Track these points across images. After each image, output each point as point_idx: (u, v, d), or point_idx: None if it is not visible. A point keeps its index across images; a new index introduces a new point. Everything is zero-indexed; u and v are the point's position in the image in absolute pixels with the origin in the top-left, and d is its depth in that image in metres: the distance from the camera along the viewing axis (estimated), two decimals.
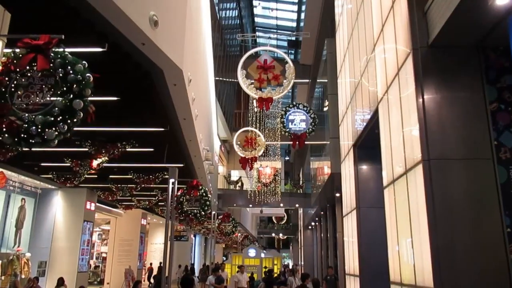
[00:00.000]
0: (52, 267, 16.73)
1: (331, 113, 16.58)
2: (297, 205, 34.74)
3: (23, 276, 14.81)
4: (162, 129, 9.61)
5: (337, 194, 16.93)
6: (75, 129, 3.82)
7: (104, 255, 26.38)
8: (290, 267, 32.53)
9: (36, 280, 13.12)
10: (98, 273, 25.77)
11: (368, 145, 10.98)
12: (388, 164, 8.45)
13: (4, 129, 3.58)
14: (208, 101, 19.69)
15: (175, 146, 11.46)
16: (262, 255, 24.19)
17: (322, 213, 24.63)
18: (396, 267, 7.99)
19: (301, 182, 34.85)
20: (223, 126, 32.56)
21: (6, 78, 3.80)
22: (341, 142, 14.36)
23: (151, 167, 12.88)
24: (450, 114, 6.34)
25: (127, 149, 10.34)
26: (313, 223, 32.09)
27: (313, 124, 15.09)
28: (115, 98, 7.74)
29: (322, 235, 25.69)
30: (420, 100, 6.45)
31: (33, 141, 3.57)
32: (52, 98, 3.72)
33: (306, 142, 17.03)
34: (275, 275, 19.40)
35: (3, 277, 14.44)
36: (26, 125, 3.57)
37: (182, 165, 12.52)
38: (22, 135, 3.56)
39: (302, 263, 39.49)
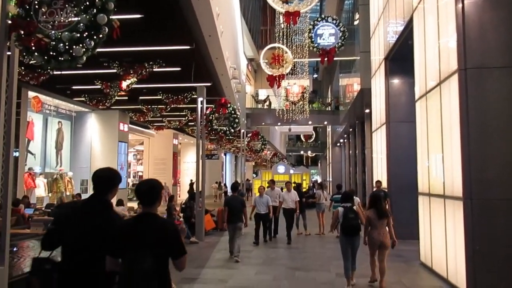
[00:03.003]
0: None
1: (362, 26, 15.80)
2: (325, 123, 34.70)
3: (67, 193, 15.91)
4: (188, 47, 9.46)
5: (367, 110, 16.72)
6: (102, 50, 3.79)
7: (140, 173, 27.78)
8: (319, 182, 33.44)
9: (79, 196, 14.05)
10: None
11: (401, 57, 10.55)
12: (421, 76, 8.16)
13: (33, 48, 3.60)
14: (233, 17, 19.06)
15: (202, 64, 11.35)
16: (291, 171, 24.81)
17: (350, 130, 24.61)
18: (425, 179, 8.07)
19: (329, 99, 34.44)
20: (249, 44, 31.78)
21: None
22: (372, 56, 13.84)
23: (179, 87, 12.93)
24: (493, 19, 5.90)
25: (155, 69, 10.32)
26: (341, 140, 32.26)
27: (342, 38, 14.46)
28: (139, 16, 7.58)
29: (350, 151, 25.91)
30: (460, 5, 5.99)
31: (62, 59, 3.60)
32: (74, 18, 3.67)
33: (335, 58, 16.51)
34: (304, 189, 20.08)
35: (50, 194, 15.57)
36: (53, 43, 3.58)
37: (209, 84, 12.50)
38: (51, 53, 3.59)
39: (331, 179, 40.45)
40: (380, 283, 6.40)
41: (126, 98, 13.78)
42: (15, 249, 6.56)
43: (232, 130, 11.61)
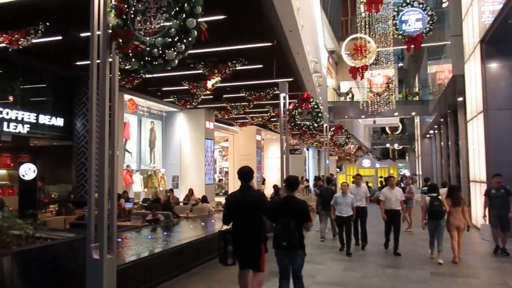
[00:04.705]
0: (183, 180, 18.82)
1: (452, 8, 14.73)
2: (413, 114, 32.94)
3: (161, 188, 17.00)
4: (269, 43, 9.56)
5: (460, 98, 15.58)
6: (189, 52, 3.97)
7: (225, 169, 28.76)
8: (408, 175, 31.89)
9: (171, 191, 14.94)
10: (223, 185, 28.38)
11: (499, 39, 9.70)
12: None
13: (131, 54, 3.89)
14: (312, 10, 18.85)
15: (283, 60, 11.41)
16: (377, 165, 23.97)
17: (442, 120, 23.11)
18: None
19: (417, 88, 32.59)
20: (329, 36, 31.21)
21: (126, 6, 4.04)
22: (464, 40, 12.85)
23: (262, 84, 13.14)
24: None
25: (237, 68, 10.60)
26: (431, 131, 30.45)
27: (430, 22, 13.54)
28: (222, 17, 7.81)
29: (442, 143, 24.35)
30: None
31: (156, 63, 3.84)
32: (166, 24, 3.89)
33: (422, 45, 15.57)
34: None
35: (145, 189, 16.76)
36: (148, 48, 3.83)
37: (291, 79, 12.52)
38: (146, 58, 3.84)
39: (420, 172, 38.43)
40: (457, 254, 7.70)
41: (211, 97, 14.34)
42: (119, 239, 7.18)
43: (316, 125, 11.48)
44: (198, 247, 7.56)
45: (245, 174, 5.06)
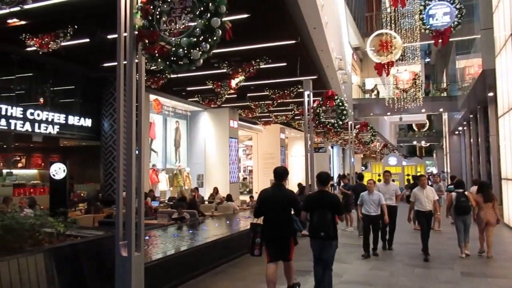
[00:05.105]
0: (208, 179, 18.96)
1: (482, 0, 14.30)
2: (441, 110, 32.14)
3: (186, 187, 17.17)
4: (293, 41, 9.51)
5: (490, 94, 15.12)
6: (213, 51, 3.99)
7: (250, 168, 28.83)
8: (435, 172, 31.18)
9: (197, 189, 15.07)
10: (247, 184, 28.46)
11: None
12: None
13: (157, 54, 3.94)
14: (336, 6, 18.66)
15: (307, 58, 11.33)
16: (404, 163, 23.57)
17: (471, 116, 22.49)
18: None
19: (445, 84, 31.79)
20: (354, 32, 30.79)
21: (151, 7, 4.10)
22: (495, 33, 12.45)
23: (286, 82, 13.09)
24: None
25: (261, 66, 10.58)
26: (460, 128, 29.68)
27: (459, 16, 13.19)
28: (246, 15, 7.82)
29: (471, 140, 23.71)
30: None
31: (181, 63, 3.88)
32: (191, 24, 3.92)
33: (450, 39, 15.18)
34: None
35: (171, 188, 16.96)
36: (174, 49, 3.87)
37: (315, 77, 12.44)
38: (172, 58, 3.89)
39: (449, 170, 37.54)
40: (487, 253, 7.91)
41: (235, 96, 14.39)
42: (146, 237, 7.29)
43: (340, 123, 11.37)
44: (224, 246, 7.60)
45: (280, 173, 5.52)
